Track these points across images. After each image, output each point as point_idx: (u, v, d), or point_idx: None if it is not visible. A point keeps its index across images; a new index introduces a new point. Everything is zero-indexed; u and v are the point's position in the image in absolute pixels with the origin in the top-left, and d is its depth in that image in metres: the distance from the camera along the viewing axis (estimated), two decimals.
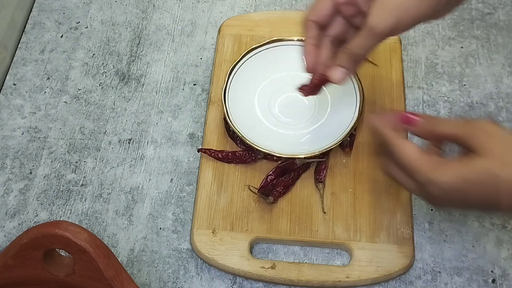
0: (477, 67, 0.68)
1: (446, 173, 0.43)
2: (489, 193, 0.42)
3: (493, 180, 0.41)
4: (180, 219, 0.59)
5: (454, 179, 0.43)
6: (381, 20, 0.47)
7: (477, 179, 0.42)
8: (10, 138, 0.64)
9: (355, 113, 0.60)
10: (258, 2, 0.73)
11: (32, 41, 0.71)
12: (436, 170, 0.43)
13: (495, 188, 0.42)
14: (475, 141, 0.43)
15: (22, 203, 0.60)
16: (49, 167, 0.62)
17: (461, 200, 0.44)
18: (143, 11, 0.73)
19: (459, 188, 0.43)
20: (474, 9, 0.72)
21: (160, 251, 0.57)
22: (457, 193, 0.43)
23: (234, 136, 0.61)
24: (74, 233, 0.42)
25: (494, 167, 0.42)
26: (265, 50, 0.64)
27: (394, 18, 0.46)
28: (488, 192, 0.42)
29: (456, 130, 0.45)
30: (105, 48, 0.70)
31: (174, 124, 0.65)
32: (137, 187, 0.61)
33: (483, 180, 0.42)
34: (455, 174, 0.43)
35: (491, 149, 0.42)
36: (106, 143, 0.64)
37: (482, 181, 0.42)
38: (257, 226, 0.57)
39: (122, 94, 0.67)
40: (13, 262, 0.43)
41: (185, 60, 0.69)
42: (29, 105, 0.66)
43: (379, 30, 0.47)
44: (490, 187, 0.42)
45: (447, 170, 0.43)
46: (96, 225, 0.58)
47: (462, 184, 0.42)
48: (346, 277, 0.54)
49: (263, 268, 0.54)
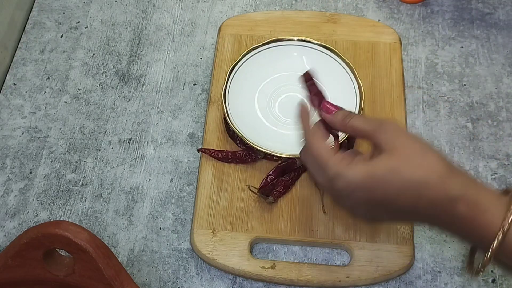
0: (477, 67, 0.68)
1: (354, 169, 0.43)
2: (396, 192, 0.42)
3: (397, 179, 0.41)
4: (180, 219, 0.59)
5: (361, 174, 0.42)
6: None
7: (383, 176, 0.42)
8: (10, 138, 0.64)
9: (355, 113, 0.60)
10: (258, 2, 0.73)
11: (32, 41, 0.71)
12: (346, 165, 0.43)
13: (402, 187, 0.41)
14: (382, 139, 0.43)
15: (22, 203, 0.60)
16: (49, 167, 0.62)
17: (367, 198, 0.43)
18: (143, 11, 0.73)
19: (365, 184, 0.42)
20: (474, 9, 0.72)
21: (160, 251, 0.57)
22: (364, 190, 0.43)
23: (234, 136, 0.61)
24: (74, 233, 0.42)
25: (399, 165, 0.41)
26: (265, 50, 0.65)
27: None
28: (395, 191, 0.42)
29: (367, 127, 0.45)
30: (105, 48, 0.70)
31: (174, 124, 0.65)
32: (137, 187, 0.61)
33: (389, 178, 0.42)
34: (362, 170, 0.42)
35: (397, 148, 0.42)
36: (106, 143, 0.64)
37: (388, 179, 0.42)
38: (257, 226, 0.57)
39: (122, 94, 0.67)
40: (13, 262, 0.43)
41: (185, 60, 0.69)
42: (29, 105, 0.66)
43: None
44: (396, 186, 0.41)
45: (356, 166, 0.43)
46: (96, 225, 0.58)
47: (369, 180, 0.42)
48: (346, 277, 0.54)
49: (263, 268, 0.54)
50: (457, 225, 0.41)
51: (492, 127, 0.63)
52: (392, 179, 0.41)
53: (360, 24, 0.69)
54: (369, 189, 0.42)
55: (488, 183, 0.60)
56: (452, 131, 0.63)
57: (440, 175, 0.41)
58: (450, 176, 0.41)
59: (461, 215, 0.40)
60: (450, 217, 0.41)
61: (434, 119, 0.64)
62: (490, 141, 0.63)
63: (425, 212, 0.42)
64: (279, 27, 0.69)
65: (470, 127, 0.64)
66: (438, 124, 0.64)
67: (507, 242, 0.39)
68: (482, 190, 0.41)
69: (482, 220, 0.40)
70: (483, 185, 0.42)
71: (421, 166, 0.41)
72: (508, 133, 0.63)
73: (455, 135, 0.63)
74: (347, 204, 0.45)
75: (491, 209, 0.40)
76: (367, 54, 0.67)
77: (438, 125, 0.64)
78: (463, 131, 0.63)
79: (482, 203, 0.40)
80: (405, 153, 0.42)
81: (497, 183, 0.60)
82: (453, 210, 0.41)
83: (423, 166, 0.41)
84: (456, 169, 0.42)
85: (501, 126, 0.63)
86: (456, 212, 0.40)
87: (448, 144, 0.62)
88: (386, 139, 0.43)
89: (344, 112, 0.47)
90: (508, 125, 0.64)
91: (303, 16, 0.70)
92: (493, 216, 0.40)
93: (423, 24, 0.71)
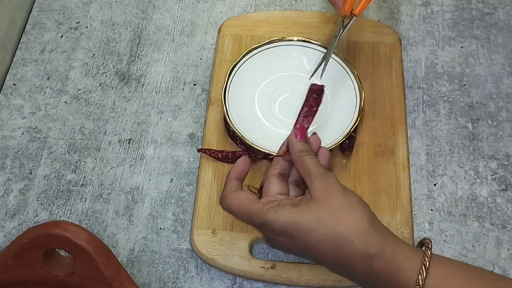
0: (477, 67, 0.68)
1: (280, 214, 0.43)
2: (317, 242, 0.42)
3: (320, 229, 0.42)
4: (180, 219, 0.59)
5: (285, 220, 0.43)
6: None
7: (306, 225, 0.43)
8: (10, 138, 0.64)
9: (355, 113, 0.60)
10: (258, 2, 0.73)
11: (32, 41, 0.71)
12: (272, 211, 0.44)
13: (323, 239, 0.42)
14: (316, 187, 0.44)
15: (22, 203, 0.60)
16: (49, 167, 0.62)
17: (289, 244, 0.44)
18: (143, 11, 0.73)
19: (287, 231, 0.43)
20: (474, 9, 0.72)
21: (160, 251, 0.57)
22: (286, 236, 0.43)
23: (234, 136, 0.61)
24: (74, 233, 0.42)
25: (324, 217, 0.42)
26: (265, 50, 0.65)
27: None
28: (316, 241, 0.42)
29: (312, 169, 0.45)
30: (105, 48, 0.70)
31: (174, 124, 0.65)
32: (137, 187, 0.61)
33: (311, 227, 0.42)
34: (287, 216, 0.43)
35: (326, 199, 0.43)
36: (106, 143, 0.64)
37: (311, 228, 0.42)
38: None
39: (122, 94, 0.67)
40: (13, 262, 0.43)
41: (185, 60, 0.69)
42: (29, 105, 0.66)
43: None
44: (318, 237, 0.42)
45: (282, 211, 0.44)
46: (96, 225, 0.58)
47: (291, 227, 0.43)
48: None
49: (263, 268, 0.54)
50: (375, 282, 0.42)
51: (492, 127, 0.63)
52: (314, 228, 0.42)
53: (360, 24, 0.69)
54: (291, 235, 0.43)
55: (488, 183, 0.60)
56: (452, 131, 0.63)
57: (360, 232, 0.42)
58: (370, 233, 0.42)
59: (378, 272, 0.41)
60: (368, 274, 0.42)
61: (434, 119, 0.64)
62: (490, 141, 0.63)
63: (345, 266, 0.43)
64: (279, 27, 0.69)
65: (470, 127, 0.64)
66: (438, 124, 0.64)
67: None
68: (399, 247, 0.42)
69: (398, 276, 0.41)
70: (401, 242, 0.43)
71: (344, 220, 0.42)
72: (508, 133, 0.63)
73: (455, 135, 0.63)
74: (281, 246, 0.46)
75: (406, 266, 0.41)
76: (367, 54, 0.67)
77: (438, 125, 0.64)
78: (463, 131, 0.63)
79: (398, 260, 0.41)
80: (332, 206, 0.43)
81: (497, 183, 0.60)
82: (371, 267, 0.41)
83: (346, 221, 0.42)
84: (378, 226, 0.43)
85: (501, 126, 0.63)
86: (373, 269, 0.41)
87: (448, 144, 0.62)
88: (321, 188, 0.44)
89: (306, 146, 0.48)
90: (508, 125, 0.64)
91: (303, 16, 0.70)
92: (408, 272, 0.41)
93: (423, 24, 0.71)
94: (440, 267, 0.41)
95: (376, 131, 0.62)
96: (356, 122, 0.59)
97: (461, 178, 0.61)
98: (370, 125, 0.62)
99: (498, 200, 0.59)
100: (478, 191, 0.60)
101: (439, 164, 0.61)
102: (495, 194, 0.60)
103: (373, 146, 0.61)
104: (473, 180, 0.60)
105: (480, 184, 0.60)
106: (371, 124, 0.62)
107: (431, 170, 0.61)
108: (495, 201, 0.59)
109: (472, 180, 0.60)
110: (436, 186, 0.60)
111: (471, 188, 0.60)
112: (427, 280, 0.40)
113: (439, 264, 0.41)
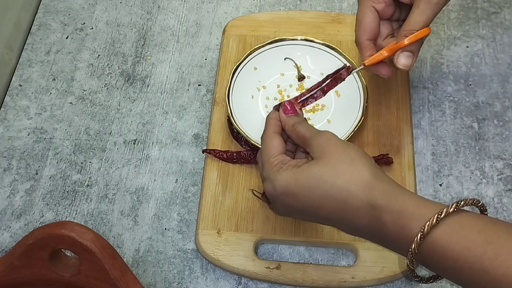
0: (483, 66, 0.67)
1: (282, 174, 0.44)
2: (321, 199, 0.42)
3: (321, 185, 0.42)
4: (185, 219, 0.59)
5: (286, 179, 0.43)
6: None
7: (307, 182, 0.42)
8: (16, 139, 0.64)
9: (359, 113, 0.60)
10: (263, 2, 0.73)
11: (38, 42, 0.71)
12: (276, 170, 0.44)
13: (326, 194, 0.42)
14: (314, 146, 0.44)
15: (28, 203, 0.60)
16: (55, 168, 0.62)
17: (293, 204, 0.44)
18: (148, 12, 0.73)
19: (289, 190, 0.43)
20: (479, 8, 0.72)
21: (165, 251, 0.57)
22: (289, 195, 0.43)
23: (239, 137, 0.61)
24: (79, 233, 0.42)
25: (324, 172, 0.42)
26: (268, 49, 0.64)
27: None
28: (319, 197, 0.42)
29: (306, 134, 0.46)
30: (110, 49, 0.70)
31: (179, 125, 0.65)
32: (142, 187, 0.61)
33: (312, 184, 0.42)
34: (288, 175, 0.43)
35: (325, 156, 0.43)
36: (111, 143, 0.64)
37: (312, 185, 0.42)
38: (262, 227, 0.57)
39: (127, 95, 0.67)
40: (19, 262, 0.44)
41: (190, 60, 0.69)
42: (35, 106, 0.66)
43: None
44: (321, 193, 0.42)
45: (284, 171, 0.44)
46: (102, 225, 0.59)
47: (293, 186, 0.43)
48: (351, 277, 0.54)
49: (268, 268, 0.54)
50: (384, 235, 0.41)
51: (498, 127, 0.63)
52: (315, 185, 0.42)
53: None
54: (293, 194, 0.43)
55: (494, 183, 0.60)
56: (458, 131, 0.63)
57: (364, 184, 0.41)
58: (375, 184, 0.41)
59: (387, 224, 0.40)
60: (377, 227, 0.41)
61: (440, 119, 0.64)
62: (496, 141, 0.62)
63: (351, 221, 0.42)
64: (283, 27, 0.69)
65: (476, 127, 0.63)
66: (444, 124, 0.64)
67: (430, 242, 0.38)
68: (408, 198, 0.41)
69: (410, 227, 0.39)
70: (410, 192, 0.41)
71: (344, 174, 0.42)
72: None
73: (460, 135, 0.63)
74: (279, 208, 0.46)
75: (417, 216, 0.39)
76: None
77: (444, 125, 0.64)
78: (468, 131, 0.63)
79: (409, 210, 0.40)
80: (332, 161, 0.42)
81: (503, 183, 0.60)
82: (379, 219, 0.40)
83: (347, 174, 0.42)
84: (383, 178, 0.42)
85: (507, 126, 0.63)
86: (382, 221, 0.40)
87: (453, 144, 0.62)
88: (317, 147, 0.44)
89: (296, 118, 0.48)
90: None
91: (307, 16, 0.70)
92: (421, 222, 0.39)
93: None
94: (455, 215, 0.39)
95: (381, 131, 0.62)
96: (361, 119, 0.59)
97: (467, 178, 0.60)
98: (375, 125, 0.62)
99: (504, 200, 0.59)
100: (484, 191, 0.59)
101: (445, 164, 0.61)
102: (501, 194, 0.59)
103: (378, 146, 0.61)
104: (479, 180, 0.60)
105: (486, 184, 0.60)
106: (376, 124, 0.62)
107: (436, 170, 0.61)
108: (501, 201, 0.59)
109: (478, 180, 0.60)
110: (442, 186, 0.60)
111: (477, 188, 0.60)
112: (438, 228, 0.38)
113: (454, 214, 0.39)
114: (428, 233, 0.38)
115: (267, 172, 0.45)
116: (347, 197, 0.41)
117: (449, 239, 0.38)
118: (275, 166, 0.45)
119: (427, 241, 0.38)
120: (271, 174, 0.44)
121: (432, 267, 0.40)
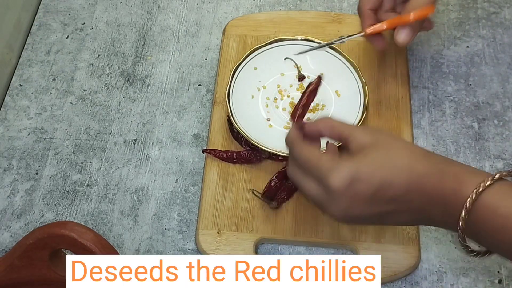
0: (483, 66, 0.67)
1: (348, 161, 0.43)
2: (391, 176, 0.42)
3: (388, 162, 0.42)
4: (185, 219, 0.59)
5: (357, 163, 0.43)
6: None
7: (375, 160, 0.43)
8: (16, 139, 0.64)
9: (359, 113, 0.60)
10: (263, 2, 0.73)
11: (38, 42, 0.71)
12: (337, 162, 0.43)
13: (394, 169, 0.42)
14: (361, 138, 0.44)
15: (28, 203, 0.60)
16: (55, 168, 0.62)
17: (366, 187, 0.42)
18: (148, 12, 0.73)
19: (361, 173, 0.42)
20: (480, 8, 0.72)
21: (166, 251, 0.57)
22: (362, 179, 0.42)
23: (239, 137, 0.61)
24: (80, 233, 0.42)
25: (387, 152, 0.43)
26: (268, 49, 0.65)
27: None
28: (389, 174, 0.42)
29: (344, 128, 0.46)
30: (110, 49, 0.70)
31: (179, 125, 0.65)
32: (142, 187, 0.61)
33: (381, 161, 0.42)
34: (356, 160, 0.43)
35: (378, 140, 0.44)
36: (111, 143, 0.64)
37: (381, 162, 0.42)
38: (262, 227, 0.57)
39: (128, 94, 0.67)
40: (19, 262, 0.44)
41: (190, 60, 0.69)
42: (35, 106, 0.66)
43: None
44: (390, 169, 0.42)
45: (347, 160, 0.43)
46: (102, 225, 0.59)
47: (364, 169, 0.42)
48: None
49: None
50: (447, 202, 0.42)
51: (498, 127, 0.63)
52: (384, 162, 0.42)
53: None
54: (366, 177, 0.42)
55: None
56: (458, 131, 0.63)
57: (421, 154, 0.43)
58: (428, 154, 0.44)
59: (449, 190, 0.41)
60: (440, 194, 0.42)
61: (440, 119, 0.64)
62: (496, 141, 0.62)
63: (416, 195, 0.42)
64: (283, 27, 0.69)
65: (476, 127, 0.63)
66: (444, 124, 0.64)
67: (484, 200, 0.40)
68: (459, 165, 0.44)
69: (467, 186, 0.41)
70: (460, 163, 0.44)
71: (398, 149, 0.43)
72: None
73: (461, 135, 0.63)
74: (342, 204, 0.44)
75: (473, 176, 0.41)
76: (372, 54, 0.66)
77: (444, 125, 0.64)
78: (469, 131, 0.63)
79: (462, 173, 0.42)
80: (387, 143, 0.44)
81: None
82: (442, 184, 0.42)
83: (400, 149, 0.43)
84: (429, 151, 0.45)
85: (507, 126, 0.63)
86: (444, 185, 0.42)
87: (454, 144, 0.62)
88: (366, 136, 0.44)
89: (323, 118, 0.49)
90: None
91: (308, 16, 0.70)
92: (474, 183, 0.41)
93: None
94: (505, 180, 0.41)
95: None
96: (361, 119, 0.59)
97: None
98: (375, 125, 0.62)
99: None
100: None
101: None
102: None
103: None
104: None
105: None
106: (377, 124, 0.62)
107: None
108: None
109: None
110: None
111: None
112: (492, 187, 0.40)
113: (503, 182, 0.41)
114: (483, 190, 0.40)
115: (327, 166, 0.43)
116: (411, 170, 0.42)
117: (502, 196, 0.41)
118: (332, 161, 0.43)
119: (481, 198, 0.40)
120: (335, 165, 0.43)
121: (482, 231, 0.42)
